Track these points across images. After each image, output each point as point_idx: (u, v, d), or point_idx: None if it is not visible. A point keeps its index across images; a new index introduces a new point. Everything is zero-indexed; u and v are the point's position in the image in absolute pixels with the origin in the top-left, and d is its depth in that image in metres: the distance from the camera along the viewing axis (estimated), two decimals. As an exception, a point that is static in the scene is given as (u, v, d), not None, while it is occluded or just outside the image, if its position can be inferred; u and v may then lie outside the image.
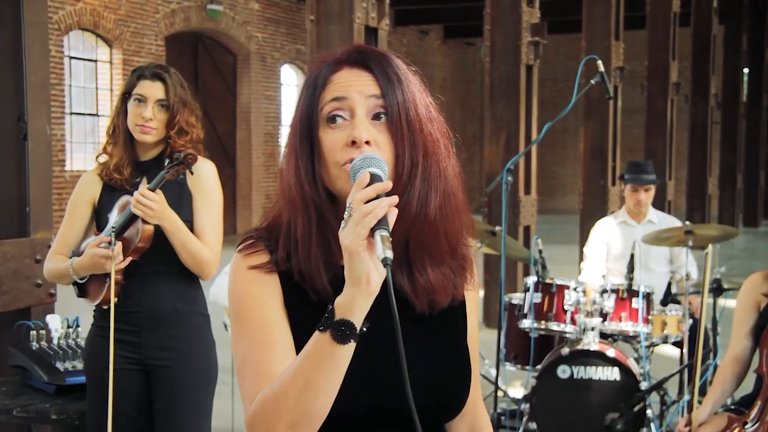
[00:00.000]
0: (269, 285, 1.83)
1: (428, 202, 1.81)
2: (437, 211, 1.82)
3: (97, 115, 16.52)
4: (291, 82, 21.57)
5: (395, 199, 1.65)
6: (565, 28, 20.99)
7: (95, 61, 16.45)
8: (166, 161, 3.47)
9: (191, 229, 3.56)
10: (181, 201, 3.59)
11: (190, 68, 18.74)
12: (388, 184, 1.66)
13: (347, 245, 1.61)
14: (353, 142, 1.77)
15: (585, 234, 11.50)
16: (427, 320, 1.88)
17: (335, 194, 1.82)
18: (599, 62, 5.83)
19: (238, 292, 1.86)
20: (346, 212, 1.64)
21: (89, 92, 16.41)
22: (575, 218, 12.27)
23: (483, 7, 9.86)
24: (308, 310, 1.79)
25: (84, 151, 16.01)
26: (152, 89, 3.60)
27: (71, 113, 15.82)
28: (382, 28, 6.81)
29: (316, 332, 1.66)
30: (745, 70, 23.77)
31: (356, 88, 1.80)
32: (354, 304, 1.63)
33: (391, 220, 1.65)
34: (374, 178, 1.67)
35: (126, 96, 3.65)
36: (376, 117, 1.80)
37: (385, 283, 1.61)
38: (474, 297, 2.02)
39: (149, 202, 3.39)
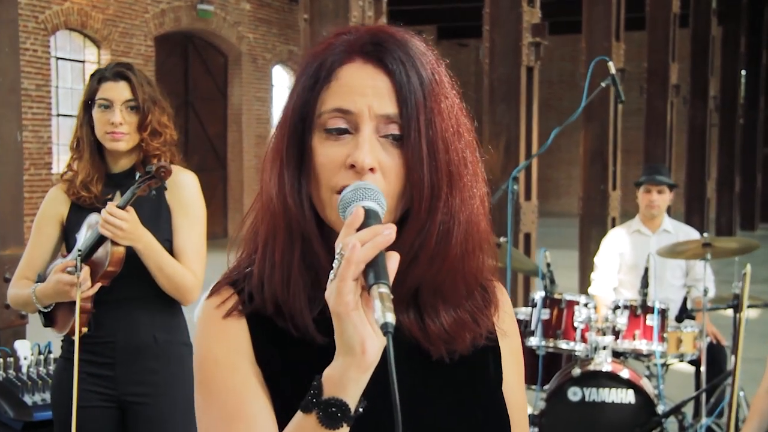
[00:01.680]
0: (234, 337, 1.45)
1: (449, 239, 1.43)
2: (458, 248, 1.44)
3: (84, 116, 16.13)
4: (283, 83, 21.24)
5: (391, 233, 1.27)
6: (559, 29, 20.66)
7: (83, 62, 16.11)
8: (137, 175, 3.08)
9: (171, 249, 3.17)
10: (159, 218, 3.19)
11: (181, 69, 18.42)
12: (390, 230, 1.28)
13: (333, 306, 1.25)
14: (352, 166, 1.39)
15: (585, 240, 11.22)
16: (448, 369, 1.50)
17: (325, 222, 1.44)
18: (610, 64, 5.48)
19: (198, 356, 1.48)
20: (335, 260, 1.27)
21: (77, 93, 16.03)
22: (571, 221, 11.95)
23: (478, 8, 9.52)
24: (288, 350, 1.44)
25: (71, 154, 15.63)
26: (117, 91, 3.19)
27: (58, 115, 15.46)
28: (379, 27, 6.46)
29: (299, 413, 1.29)
30: (743, 72, 23.48)
31: (367, 99, 1.40)
32: (346, 379, 1.27)
33: (392, 269, 1.27)
34: (369, 215, 1.30)
35: (89, 103, 3.24)
36: (386, 135, 1.42)
37: (385, 354, 1.24)
38: (511, 344, 1.62)
39: (118, 221, 2.99)
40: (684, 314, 5.56)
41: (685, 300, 5.97)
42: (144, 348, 3.19)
